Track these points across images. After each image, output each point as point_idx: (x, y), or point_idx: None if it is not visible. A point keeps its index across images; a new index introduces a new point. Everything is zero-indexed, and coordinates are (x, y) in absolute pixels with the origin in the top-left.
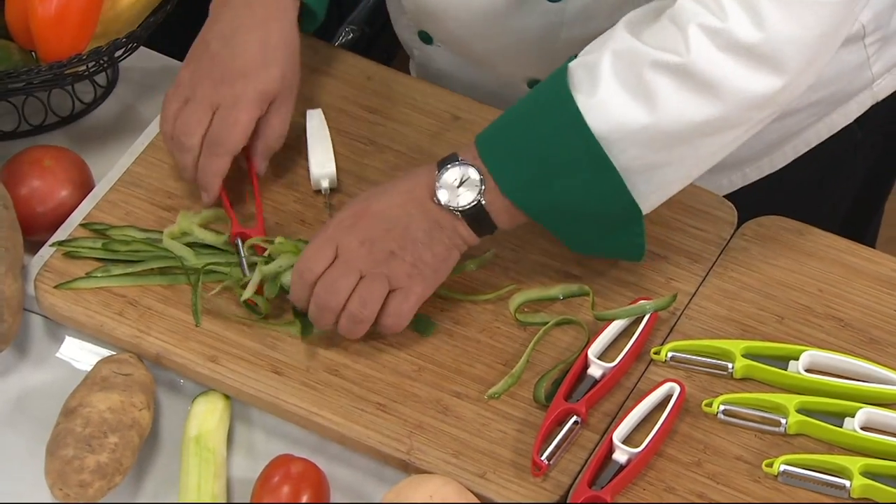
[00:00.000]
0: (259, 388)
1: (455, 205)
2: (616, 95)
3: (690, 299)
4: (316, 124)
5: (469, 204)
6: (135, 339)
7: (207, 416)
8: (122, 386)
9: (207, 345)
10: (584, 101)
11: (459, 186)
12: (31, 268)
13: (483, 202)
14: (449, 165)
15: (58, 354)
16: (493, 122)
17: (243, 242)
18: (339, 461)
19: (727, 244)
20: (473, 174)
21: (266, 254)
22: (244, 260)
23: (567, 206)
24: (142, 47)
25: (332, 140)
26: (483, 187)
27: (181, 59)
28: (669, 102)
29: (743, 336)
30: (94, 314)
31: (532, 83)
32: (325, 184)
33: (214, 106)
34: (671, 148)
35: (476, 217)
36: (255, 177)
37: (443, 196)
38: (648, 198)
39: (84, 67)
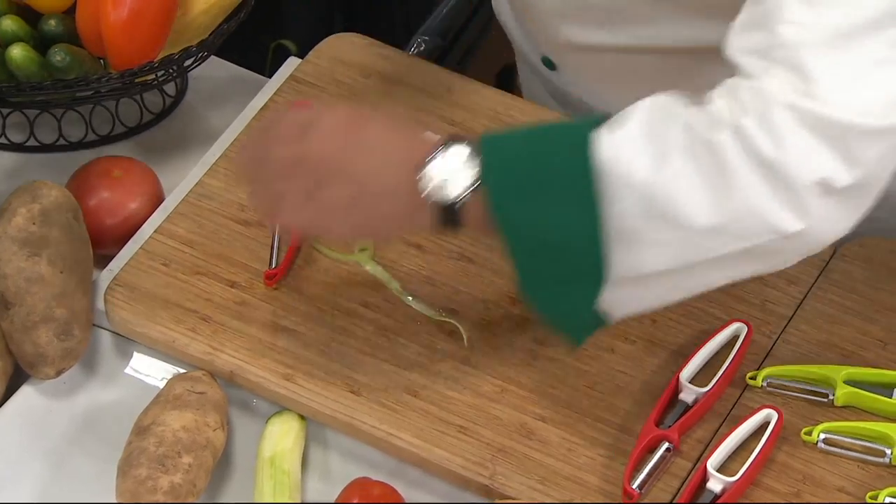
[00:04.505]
0: (335, 408)
1: (430, 189)
2: (635, 137)
3: (788, 323)
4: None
5: (445, 196)
6: (208, 356)
7: (282, 436)
8: (196, 404)
9: (282, 363)
10: (603, 134)
11: (447, 168)
12: (100, 282)
13: (460, 205)
14: (450, 145)
15: (126, 371)
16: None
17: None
18: (418, 485)
19: (826, 265)
20: (465, 166)
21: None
22: (275, 245)
23: (538, 231)
24: (211, 56)
25: None
26: (467, 195)
27: (250, 69)
28: (675, 167)
29: (844, 362)
30: (167, 330)
31: None
32: None
33: None
34: (663, 223)
35: (450, 218)
36: None
37: (426, 180)
38: (618, 279)
39: (153, 76)
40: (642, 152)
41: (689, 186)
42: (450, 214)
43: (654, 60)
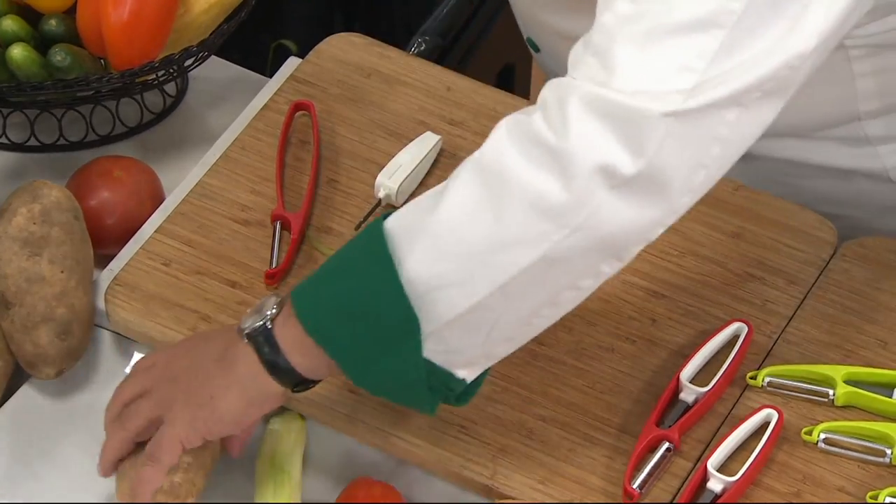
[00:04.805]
0: (336, 407)
1: (244, 325)
2: (414, 200)
3: (788, 322)
4: (422, 145)
5: (256, 323)
6: None
7: (283, 436)
8: None
9: None
10: (390, 215)
11: (256, 311)
12: (100, 282)
13: (270, 325)
14: (261, 301)
15: (127, 371)
16: None
17: (281, 227)
18: (419, 485)
19: (826, 265)
20: (272, 298)
21: None
22: (275, 245)
23: (346, 309)
24: (211, 56)
25: (425, 167)
26: (275, 311)
27: (251, 69)
28: (448, 201)
29: (844, 361)
30: (167, 330)
31: None
32: (380, 193)
33: None
34: (453, 257)
35: (266, 345)
36: (315, 165)
37: (244, 320)
38: (436, 331)
39: (154, 76)
40: (417, 206)
41: (464, 211)
42: (269, 348)
43: None
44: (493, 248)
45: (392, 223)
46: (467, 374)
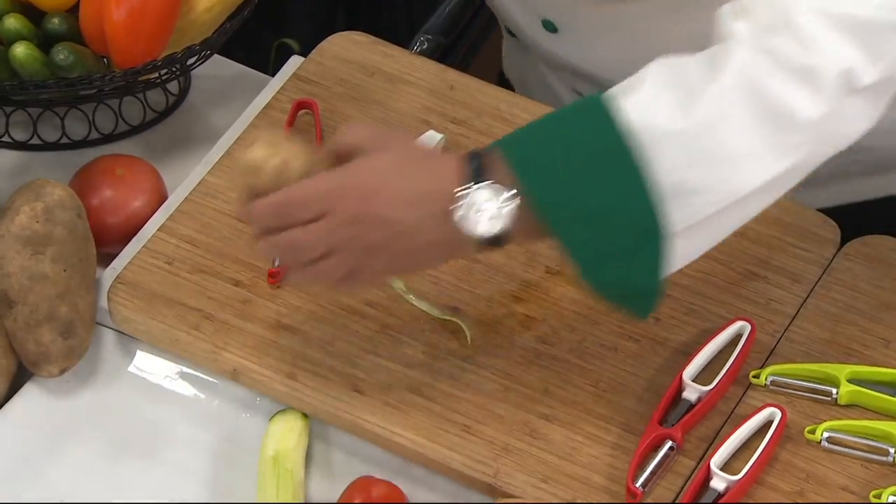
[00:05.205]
0: (338, 406)
1: (477, 232)
2: (657, 93)
3: (791, 321)
4: (425, 143)
5: (493, 233)
6: (211, 355)
7: (285, 435)
8: None
9: (285, 361)
10: (623, 101)
11: (483, 209)
12: (103, 280)
13: (507, 231)
14: (475, 186)
15: (129, 369)
16: (520, 129)
17: None
18: (422, 484)
19: (830, 264)
20: (501, 199)
21: None
22: None
23: (592, 218)
24: (214, 55)
25: None
26: (510, 207)
27: (253, 68)
28: (705, 107)
29: (847, 360)
30: (170, 328)
31: None
32: None
33: None
34: (709, 166)
35: (498, 244)
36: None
37: (465, 221)
38: (675, 234)
39: (157, 75)
40: (669, 104)
41: (719, 120)
42: (493, 240)
43: (658, 12)
44: (744, 160)
45: (637, 120)
46: (672, 272)
